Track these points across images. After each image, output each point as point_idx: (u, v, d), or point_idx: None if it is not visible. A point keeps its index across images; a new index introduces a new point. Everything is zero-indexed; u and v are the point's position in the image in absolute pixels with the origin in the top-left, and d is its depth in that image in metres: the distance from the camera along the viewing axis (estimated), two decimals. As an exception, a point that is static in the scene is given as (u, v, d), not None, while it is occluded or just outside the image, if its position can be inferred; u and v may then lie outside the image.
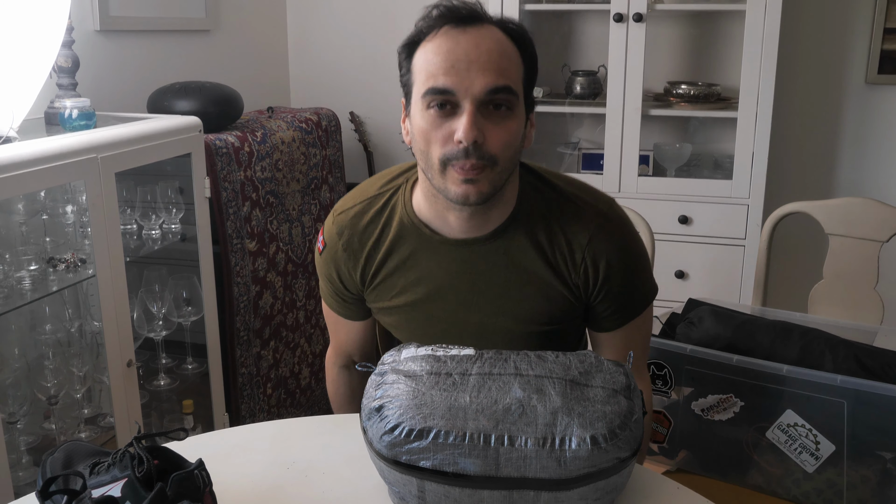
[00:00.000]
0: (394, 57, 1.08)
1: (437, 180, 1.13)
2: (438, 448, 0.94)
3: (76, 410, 1.87)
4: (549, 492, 0.94)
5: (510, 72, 1.09)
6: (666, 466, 1.65)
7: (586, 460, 0.92)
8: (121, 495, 0.87)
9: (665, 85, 2.83)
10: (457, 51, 1.07)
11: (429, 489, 0.96)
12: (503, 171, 1.12)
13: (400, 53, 1.15)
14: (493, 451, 0.93)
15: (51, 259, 1.78)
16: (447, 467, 0.94)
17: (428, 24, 1.11)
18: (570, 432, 0.93)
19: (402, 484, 0.98)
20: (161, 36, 2.58)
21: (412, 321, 1.29)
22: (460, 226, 1.19)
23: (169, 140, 1.92)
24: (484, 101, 1.08)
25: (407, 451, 0.95)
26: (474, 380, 0.99)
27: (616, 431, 0.94)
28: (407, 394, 0.98)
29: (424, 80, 1.09)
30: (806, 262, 2.82)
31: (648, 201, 2.63)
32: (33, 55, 1.64)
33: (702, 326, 1.63)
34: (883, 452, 1.43)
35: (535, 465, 0.93)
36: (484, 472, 0.93)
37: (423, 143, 1.12)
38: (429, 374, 1.00)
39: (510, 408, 0.95)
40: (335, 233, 1.28)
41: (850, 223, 1.88)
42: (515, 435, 0.93)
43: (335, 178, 2.76)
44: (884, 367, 1.46)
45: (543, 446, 0.92)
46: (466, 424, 0.94)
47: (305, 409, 2.67)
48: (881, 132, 2.84)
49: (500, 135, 1.09)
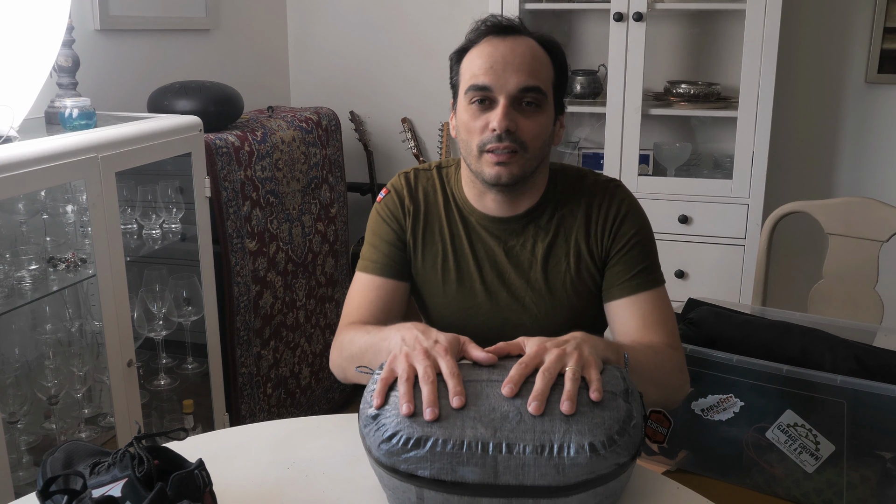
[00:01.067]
0: (394, 56, 1.17)
1: (475, 165, 1.29)
2: (436, 457, 0.93)
3: (76, 410, 1.87)
4: (548, 499, 0.93)
5: (541, 74, 1.27)
6: (666, 466, 1.65)
7: (585, 467, 0.92)
8: (121, 495, 0.87)
9: (665, 84, 2.83)
10: (496, 54, 1.26)
11: (427, 497, 0.95)
12: (532, 159, 1.28)
13: (451, 59, 1.35)
14: (490, 459, 0.92)
15: (51, 259, 1.78)
16: (446, 476, 0.93)
17: (476, 34, 1.31)
18: (568, 439, 0.93)
19: (402, 491, 0.97)
20: (161, 35, 2.58)
21: (449, 291, 1.39)
22: (496, 207, 1.35)
23: (169, 140, 1.92)
24: (517, 98, 1.25)
25: (405, 460, 0.94)
26: (472, 387, 0.99)
27: (615, 438, 0.94)
28: (403, 395, 0.97)
29: (468, 80, 1.28)
30: (806, 262, 2.82)
31: (648, 201, 2.61)
32: (33, 55, 1.64)
33: (702, 326, 1.63)
34: (882, 452, 1.43)
35: (533, 473, 0.92)
36: (482, 480, 0.93)
37: (465, 133, 1.29)
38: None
39: (507, 415, 0.95)
40: (402, 181, 1.43)
41: (850, 223, 1.88)
42: (513, 442, 0.93)
43: (335, 177, 2.77)
44: (884, 367, 1.46)
45: (542, 454, 0.92)
46: (464, 432, 0.94)
47: (305, 409, 2.67)
48: (881, 132, 2.84)
49: (530, 126, 1.26)
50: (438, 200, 1.40)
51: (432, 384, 0.98)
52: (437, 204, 1.40)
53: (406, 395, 0.97)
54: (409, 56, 3.17)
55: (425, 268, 1.40)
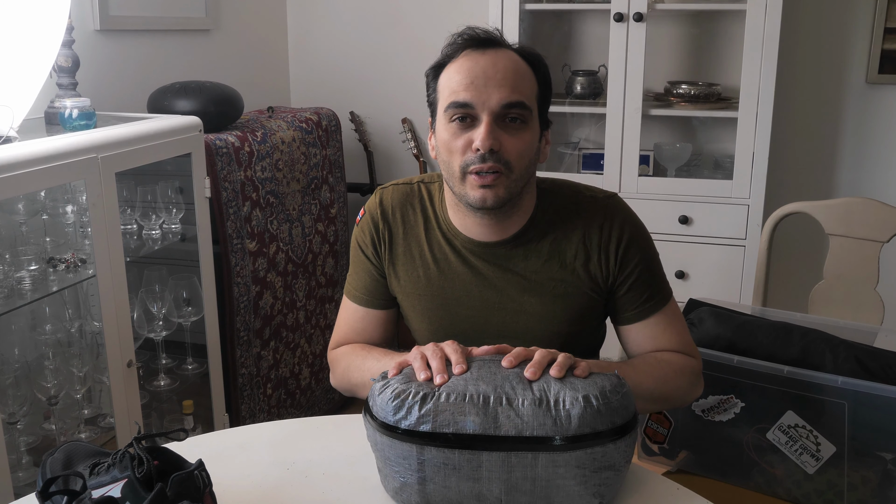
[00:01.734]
0: (394, 56, 1.14)
1: (458, 188, 1.23)
2: (439, 409, 0.99)
3: (76, 411, 1.87)
4: (547, 453, 0.98)
5: (524, 89, 1.21)
6: (666, 467, 1.65)
7: (581, 419, 0.98)
8: (121, 496, 0.87)
9: (665, 85, 2.83)
10: (476, 69, 1.19)
11: (428, 458, 1.00)
12: (518, 179, 1.22)
13: (427, 76, 1.27)
14: (492, 410, 0.99)
15: (51, 259, 1.78)
16: (447, 428, 0.98)
17: (452, 49, 1.24)
18: (563, 395, 1.00)
19: (403, 458, 1.01)
20: (161, 36, 2.58)
21: (435, 317, 1.33)
22: (481, 231, 1.28)
23: (169, 140, 1.92)
24: (500, 114, 1.19)
25: (410, 417, 1.00)
26: (477, 363, 1.07)
27: (608, 395, 1.00)
28: (413, 375, 1.05)
29: (448, 97, 1.21)
30: (806, 262, 2.82)
31: (648, 201, 2.63)
32: (33, 55, 1.64)
33: (702, 327, 1.63)
34: (883, 453, 1.43)
35: (532, 423, 0.98)
36: (483, 430, 0.98)
37: (446, 153, 1.23)
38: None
39: (508, 376, 1.03)
40: (376, 202, 1.37)
41: (850, 223, 1.88)
42: (513, 397, 1.00)
43: (335, 178, 2.76)
44: (884, 367, 1.46)
45: (540, 406, 0.99)
46: (467, 387, 1.01)
47: (305, 409, 2.67)
48: (881, 132, 2.84)
49: (515, 144, 1.20)
50: (419, 221, 1.34)
51: (441, 359, 1.05)
52: (418, 225, 1.33)
53: (420, 368, 1.05)
54: (409, 56, 3.17)
55: (406, 293, 1.35)
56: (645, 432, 1.65)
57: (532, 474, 0.99)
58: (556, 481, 1.00)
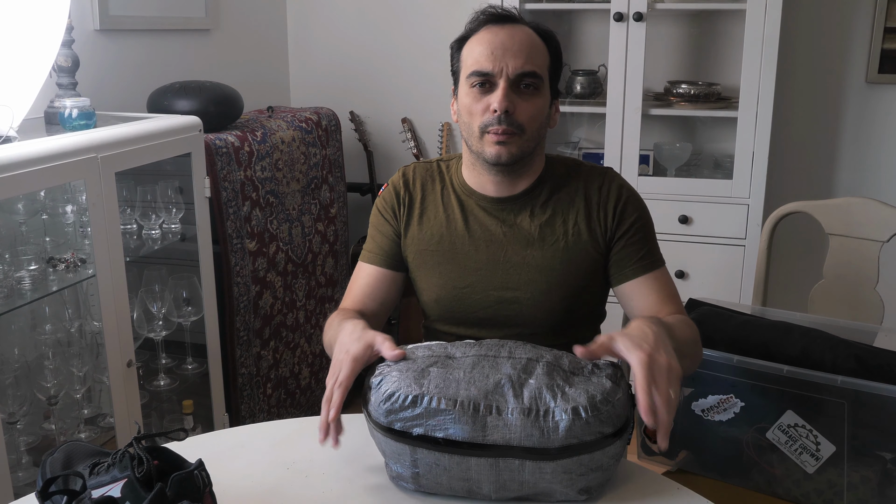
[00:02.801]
0: (394, 56, 1.19)
1: (476, 145, 1.35)
2: (430, 414, 1.01)
3: (76, 410, 1.87)
4: (533, 461, 1.00)
5: (537, 59, 1.34)
6: (666, 467, 1.65)
7: (568, 431, 0.99)
8: (121, 496, 0.87)
9: (665, 84, 2.83)
10: (495, 41, 1.33)
11: (421, 458, 1.03)
12: (530, 140, 1.35)
13: (452, 47, 1.42)
14: (480, 419, 1.00)
15: (51, 259, 1.78)
16: (437, 432, 1.01)
17: (475, 24, 1.38)
18: (553, 405, 1.01)
19: (398, 454, 1.05)
20: (161, 35, 2.58)
21: (444, 271, 1.43)
22: (494, 188, 1.41)
23: (169, 140, 1.92)
24: (515, 81, 1.32)
25: (402, 419, 1.03)
26: (470, 360, 1.09)
27: (598, 406, 1.01)
28: (406, 369, 1.07)
29: (470, 65, 1.34)
30: (806, 262, 2.82)
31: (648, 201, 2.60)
32: (33, 55, 1.64)
33: (702, 327, 1.63)
34: (883, 453, 1.43)
35: (519, 434, 1.00)
36: (472, 438, 1.01)
37: (466, 115, 1.36)
38: (428, 356, 1.11)
39: (500, 382, 1.04)
40: (400, 174, 1.50)
41: (850, 223, 1.88)
42: (503, 406, 1.01)
43: (335, 177, 2.76)
44: (884, 367, 1.46)
45: (528, 416, 1.00)
46: (458, 393, 1.02)
47: (305, 409, 2.67)
48: (881, 132, 2.84)
49: (527, 108, 1.33)
50: (436, 187, 1.46)
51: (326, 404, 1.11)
52: (435, 191, 1.46)
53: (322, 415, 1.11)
54: (409, 56, 3.17)
55: (420, 249, 1.45)
56: (645, 432, 1.65)
57: (520, 478, 1.02)
58: (542, 484, 1.03)
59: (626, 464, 1.18)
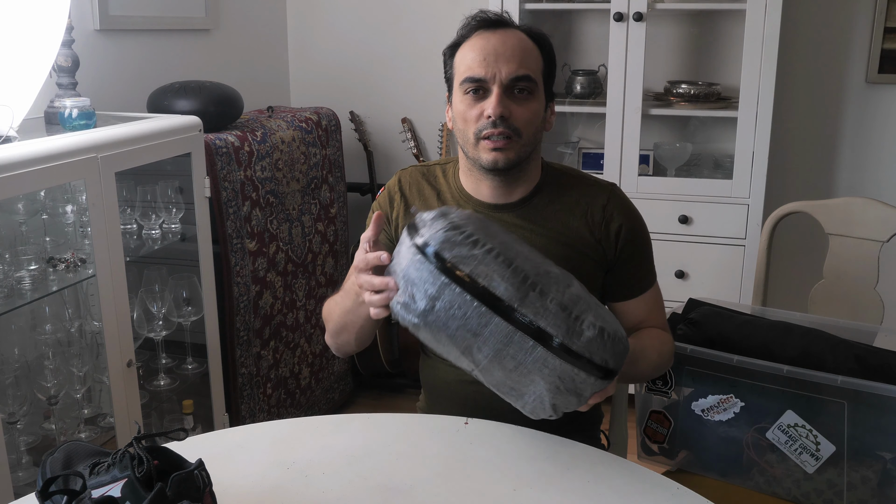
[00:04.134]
0: (394, 56, 1.18)
1: (472, 152, 1.35)
2: (485, 261, 1.04)
3: (76, 410, 1.87)
4: (546, 349, 1.04)
5: (530, 64, 1.33)
6: (666, 466, 1.65)
7: (589, 341, 1.04)
8: (121, 495, 0.87)
9: (665, 84, 2.83)
10: (487, 47, 1.32)
11: (447, 295, 1.03)
12: (527, 144, 1.34)
13: (444, 54, 1.41)
14: (525, 289, 1.04)
15: (51, 259, 1.78)
16: (481, 279, 1.03)
17: (466, 29, 1.37)
18: (586, 316, 1.06)
19: (425, 281, 1.04)
20: (161, 35, 2.58)
21: None
22: (491, 194, 1.41)
23: (169, 140, 1.92)
24: (509, 86, 1.31)
25: (455, 253, 1.03)
26: (527, 249, 1.13)
27: (617, 336, 1.07)
28: (473, 218, 1.09)
29: (463, 72, 1.34)
30: (806, 262, 2.81)
31: (648, 201, 2.63)
32: (33, 55, 1.64)
33: (702, 326, 1.63)
34: (883, 453, 1.43)
35: (549, 319, 1.04)
36: (509, 299, 1.03)
37: (461, 122, 1.36)
38: (480, 220, 1.13)
39: (550, 272, 1.09)
40: (396, 179, 1.51)
41: (850, 223, 1.88)
42: (547, 291, 1.05)
43: (335, 177, 2.76)
44: (884, 367, 1.46)
45: (564, 310, 1.05)
46: (516, 258, 1.06)
47: (305, 409, 2.67)
48: (881, 132, 2.84)
49: (522, 112, 1.33)
50: (433, 194, 1.46)
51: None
52: (432, 196, 1.46)
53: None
54: (409, 56, 3.17)
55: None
56: (645, 432, 1.65)
57: (521, 359, 1.05)
58: (533, 376, 1.06)
59: (627, 464, 1.18)
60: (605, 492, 1.10)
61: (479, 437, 1.23)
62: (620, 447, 1.68)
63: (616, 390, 1.70)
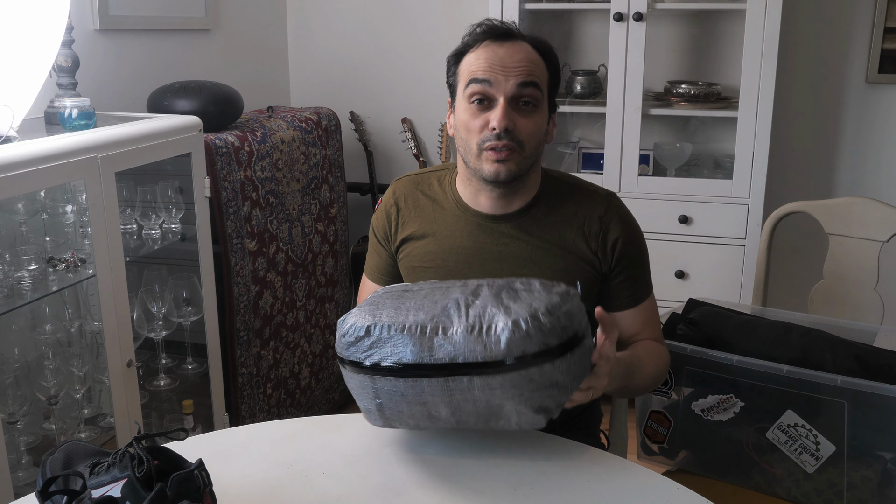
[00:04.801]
0: (394, 56, 1.17)
1: (474, 163, 1.34)
2: (382, 342, 1.06)
3: (76, 410, 1.87)
4: (480, 377, 1.02)
5: (537, 75, 1.33)
6: (666, 466, 1.65)
7: (510, 343, 1.01)
8: (121, 495, 0.87)
9: (665, 84, 2.83)
10: (494, 58, 1.31)
11: (380, 387, 1.06)
12: (528, 157, 1.34)
13: (448, 60, 1.39)
14: (427, 340, 1.04)
15: (51, 259, 1.78)
16: (388, 360, 1.05)
17: (473, 38, 1.36)
18: (496, 320, 1.03)
19: (361, 388, 1.08)
20: (161, 35, 2.58)
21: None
22: (490, 205, 1.40)
23: (169, 140, 1.92)
24: (514, 97, 1.31)
25: (357, 350, 1.07)
26: (424, 290, 1.14)
27: (539, 317, 1.02)
28: (366, 304, 1.12)
29: (468, 77, 1.33)
30: (806, 262, 2.81)
31: (648, 201, 2.63)
32: (33, 54, 1.64)
33: (702, 326, 1.63)
34: (883, 453, 1.43)
35: (463, 350, 1.02)
36: (419, 359, 1.04)
37: (464, 132, 1.34)
38: (388, 291, 1.16)
39: (447, 306, 1.08)
40: (391, 192, 1.51)
41: (850, 223, 1.88)
42: (448, 326, 1.04)
43: (335, 177, 2.76)
44: (884, 367, 1.46)
45: (471, 333, 1.03)
46: (407, 319, 1.06)
47: (305, 409, 2.67)
48: (881, 132, 2.84)
49: (527, 125, 1.32)
50: (429, 205, 1.45)
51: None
52: (427, 208, 1.45)
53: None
54: (409, 56, 3.17)
55: (413, 266, 1.45)
56: (645, 432, 1.65)
57: (471, 396, 1.04)
58: (494, 402, 1.05)
59: (626, 464, 1.18)
60: (605, 492, 1.10)
61: (479, 437, 1.23)
62: (620, 447, 1.68)
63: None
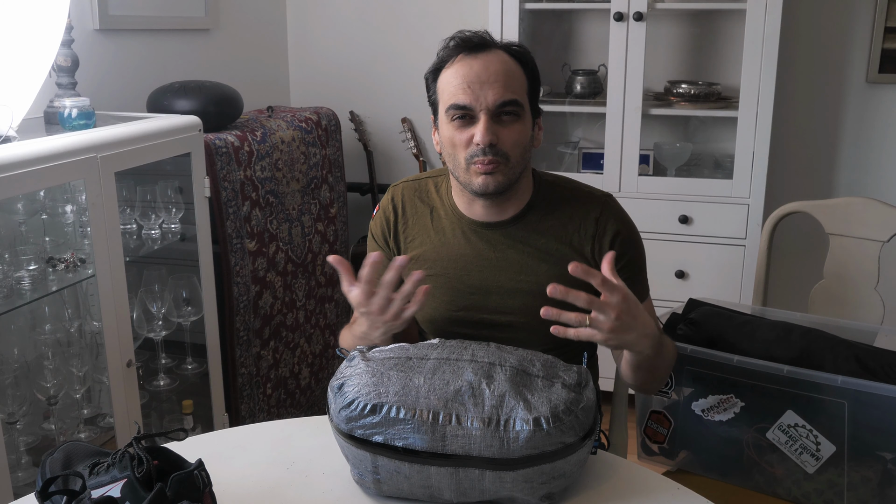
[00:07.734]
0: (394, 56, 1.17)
1: (463, 176, 1.35)
2: (390, 423, 1.01)
3: (76, 410, 1.87)
4: (493, 471, 1.00)
5: (515, 86, 1.32)
6: (666, 467, 1.65)
7: (529, 441, 0.98)
8: (120, 496, 0.87)
9: (665, 84, 2.83)
10: (471, 74, 1.31)
11: (381, 464, 1.02)
12: (516, 166, 1.34)
13: (427, 78, 1.39)
14: (440, 428, 1.00)
15: (50, 259, 1.78)
16: (397, 442, 1.01)
17: (447, 53, 1.35)
18: (514, 414, 0.99)
19: (359, 460, 1.04)
20: (161, 35, 2.58)
21: (437, 294, 1.41)
22: (484, 213, 1.41)
23: (169, 139, 1.92)
24: (495, 112, 1.30)
25: (361, 426, 1.02)
26: (431, 364, 1.07)
27: (560, 416, 1.00)
28: (367, 373, 1.06)
29: (447, 99, 1.33)
30: (806, 262, 2.82)
31: (648, 201, 2.63)
32: (32, 54, 1.63)
33: (702, 326, 1.63)
34: (883, 453, 1.43)
35: (479, 444, 0.99)
36: (431, 447, 1.00)
37: (450, 148, 1.35)
38: (389, 358, 1.10)
39: (460, 389, 1.03)
40: (389, 198, 1.51)
41: (850, 223, 1.88)
42: (462, 415, 1.00)
43: (335, 177, 2.76)
44: (884, 367, 1.46)
45: (488, 426, 0.99)
46: (418, 402, 1.01)
47: (305, 409, 2.67)
48: (881, 132, 2.84)
49: (510, 136, 1.32)
50: (427, 212, 1.46)
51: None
52: (426, 215, 1.46)
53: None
54: (409, 56, 3.17)
55: (412, 272, 1.42)
56: (645, 432, 1.65)
57: (480, 486, 1.02)
58: (503, 493, 1.02)
59: (627, 464, 1.18)
60: (606, 492, 1.10)
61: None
62: (620, 447, 1.68)
63: (616, 390, 1.70)
